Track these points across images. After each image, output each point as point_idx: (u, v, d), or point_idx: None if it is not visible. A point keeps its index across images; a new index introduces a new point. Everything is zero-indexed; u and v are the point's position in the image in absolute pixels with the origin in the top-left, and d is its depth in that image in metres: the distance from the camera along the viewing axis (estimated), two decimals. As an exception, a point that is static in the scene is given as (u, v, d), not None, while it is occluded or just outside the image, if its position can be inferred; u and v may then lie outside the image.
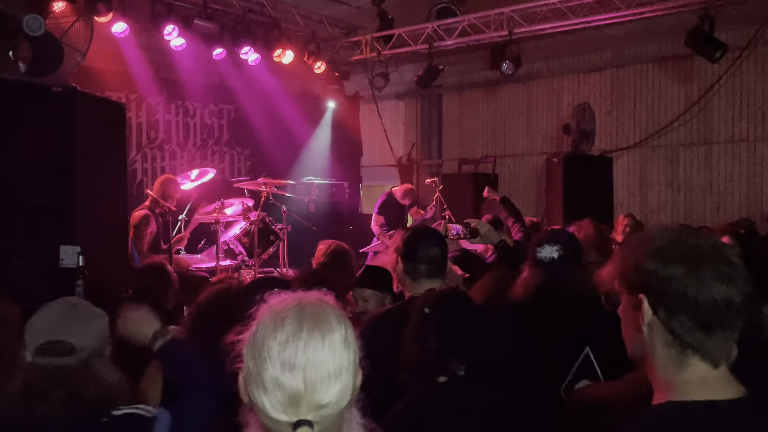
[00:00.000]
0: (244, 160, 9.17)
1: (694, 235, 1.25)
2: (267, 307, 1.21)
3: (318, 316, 1.17)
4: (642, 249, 1.27)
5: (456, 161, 10.93)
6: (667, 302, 1.23)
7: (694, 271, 1.20)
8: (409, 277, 2.63)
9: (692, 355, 1.23)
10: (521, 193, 10.24)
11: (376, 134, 10.98)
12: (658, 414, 1.23)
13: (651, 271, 1.24)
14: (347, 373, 1.15)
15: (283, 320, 1.16)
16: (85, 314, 1.84)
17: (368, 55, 8.90)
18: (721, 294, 1.19)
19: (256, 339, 1.17)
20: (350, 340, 1.18)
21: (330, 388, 1.12)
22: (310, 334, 1.14)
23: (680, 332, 1.23)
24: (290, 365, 1.12)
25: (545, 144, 9.98)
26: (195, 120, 8.70)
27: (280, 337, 1.14)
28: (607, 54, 9.30)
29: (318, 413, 1.11)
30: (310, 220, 7.60)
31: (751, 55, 8.02)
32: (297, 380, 1.11)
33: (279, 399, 1.11)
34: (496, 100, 10.57)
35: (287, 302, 1.20)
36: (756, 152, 8.33)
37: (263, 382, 1.12)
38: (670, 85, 8.90)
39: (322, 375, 1.12)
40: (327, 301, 1.23)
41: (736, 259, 1.21)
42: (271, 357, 1.13)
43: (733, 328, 1.22)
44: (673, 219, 8.68)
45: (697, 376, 1.22)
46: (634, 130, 9.20)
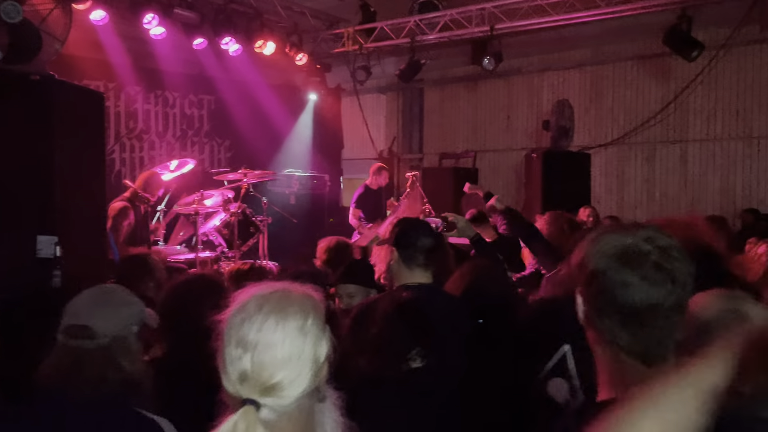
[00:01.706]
0: (225, 152, 9.10)
1: (638, 236, 1.24)
2: (245, 291, 1.25)
3: (279, 302, 1.21)
4: (586, 247, 1.28)
5: (437, 155, 10.98)
6: (596, 301, 1.25)
7: (620, 273, 1.21)
8: (405, 266, 2.64)
9: (620, 351, 1.24)
10: (501, 188, 10.31)
11: (358, 127, 10.97)
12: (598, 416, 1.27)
13: (586, 270, 1.26)
14: (299, 360, 1.17)
15: (246, 302, 1.22)
16: (112, 301, 1.88)
17: (350, 47, 8.89)
18: (643, 297, 1.20)
19: (227, 318, 1.23)
20: (309, 330, 1.20)
21: (276, 372, 1.15)
22: (266, 317, 1.18)
23: (605, 330, 1.25)
24: (243, 343, 1.17)
25: (525, 139, 10.07)
26: (175, 110, 8.62)
27: (239, 317, 1.20)
28: (587, 51, 9.40)
29: (267, 397, 1.14)
30: (290, 213, 7.58)
31: (727, 55, 8.17)
32: (245, 361, 1.16)
33: (233, 375, 1.16)
34: (477, 95, 10.63)
35: (259, 289, 1.24)
36: (730, 150, 8.50)
37: (224, 359, 1.19)
38: (648, 83, 9.02)
39: (270, 358, 1.15)
40: (300, 291, 1.25)
41: (671, 263, 1.21)
42: (230, 336, 1.19)
43: (663, 328, 1.22)
44: (649, 215, 8.83)
45: (634, 375, 1.24)
46: (612, 127, 9.32)
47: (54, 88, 4.59)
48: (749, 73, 8.30)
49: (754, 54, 8.25)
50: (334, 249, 4.04)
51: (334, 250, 4.02)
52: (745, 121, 8.38)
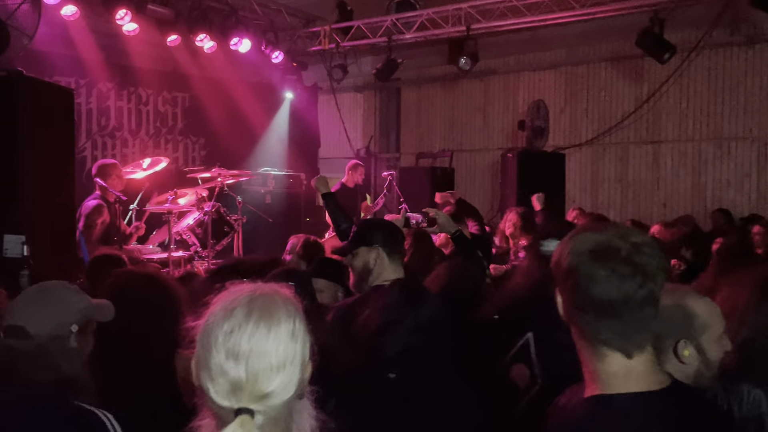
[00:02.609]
0: (199, 150, 9.00)
1: (612, 233, 1.28)
2: (222, 296, 1.23)
3: (267, 308, 1.19)
4: (564, 245, 1.32)
5: (413, 155, 10.99)
6: (572, 297, 1.29)
7: (591, 268, 1.25)
8: (390, 262, 2.63)
9: (602, 346, 1.28)
10: (477, 188, 10.38)
11: (335, 126, 10.94)
12: (590, 409, 1.29)
13: (562, 266, 1.30)
14: (292, 365, 1.16)
15: (232, 310, 1.18)
16: (50, 300, 1.84)
17: (327, 46, 8.85)
18: (613, 291, 1.24)
19: (206, 326, 1.19)
20: (298, 334, 1.19)
21: (272, 380, 1.14)
22: (256, 325, 1.16)
23: (583, 325, 1.29)
24: (234, 354, 1.14)
25: (501, 139, 10.13)
26: (148, 107, 8.50)
27: (226, 326, 1.16)
28: (562, 52, 9.49)
29: (261, 403, 1.13)
30: (266, 212, 7.52)
31: (698, 57, 8.31)
32: (239, 369, 1.13)
33: (222, 386, 1.13)
34: (453, 95, 10.66)
35: (241, 292, 1.22)
36: (701, 151, 8.65)
37: (209, 369, 1.15)
38: (622, 85, 9.14)
39: (265, 366, 1.14)
40: (282, 293, 1.24)
41: (641, 258, 1.25)
42: (217, 345, 1.15)
43: (637, 321, 1.26)
44: (622, 214, 8.94)
45: (618, 367, 1.28)
46: (587, 128, 9.43)
47: (21, 85, 4.50)
48: (719, 75, 8.45)
49: (724, 56, 8.40)
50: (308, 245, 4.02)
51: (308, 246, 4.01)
52: (716, 122, 8.52)
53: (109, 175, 5.59)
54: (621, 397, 1.26)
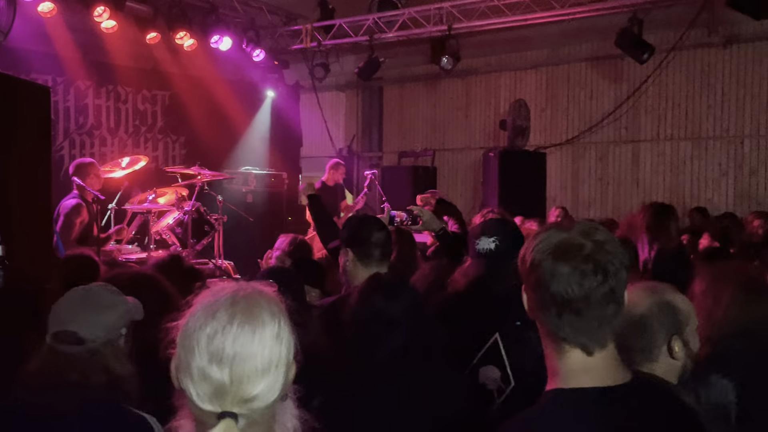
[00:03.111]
0: (179, 148, 8.92)
1: (575, 231, 1.29)
2: (203, 296, 1.20)
3: (251, 310, 1.16)
4: (529, 243, 1.33)
5: (396, 154, 11.00)
6: (535, 294, 1.30)
7: (553, 265, 1.26)
8: (361, 264, 2.63)
9: (563, 342, 1.29)
10: (459, 187, 10.41)
11: (317, 125, 10.91)
12: (545, 402, 1.31)
13: (526, 264, 1.32)
14: (277, 368, 1.14)
15: (214, 312, 1.15)
16: (97, 305, 1.87)
17: (308, 44, 8.83)
18: (574, 288, 1.25)
19: (187, 328, 1.16)
20: (283, 336, 1.17)
21: (257, 383, 1.11)
22: (241, 327, 1.13)
23: (545, 321, 1.30)
24: (218, 358, 1.11)
25: (483, 139, 10.17)
26: (127, 105, 8.40)
27: (209, 329, 1.13)
28: (543, 52, 9.55)
29: (244, 407, 1.11)
30: (247, 211, 7.47)
31: (677, 58, 8.41)
32: (223, 373, 1.10)
33: (205, 390, 1.11)
34: (436, 94, 10.69)
35: (223, 292, 1.19)
36: (679, 150, 8.75)
37: (191, 372, 1.12)
38: (602, 84, 9.22)
39: (250, 370, 1.11)
40: (265, 293, 1.21)
41: (602, 255, 1.26)
42: (200, 348, 1.13)
43: (598, 318, 1.27)
44: (602, 213, 9.03)
45: (578, 363, 1.29)
46: (567, 127, 9.50)
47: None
48: (697, 75, 8.56)
49: (702, 57, 8.51)
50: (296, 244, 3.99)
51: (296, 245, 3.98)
52: (693, 122, 8.64)
53: (86, 174, 5.52)
54: (578, 391, 1.27)
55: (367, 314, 2.08)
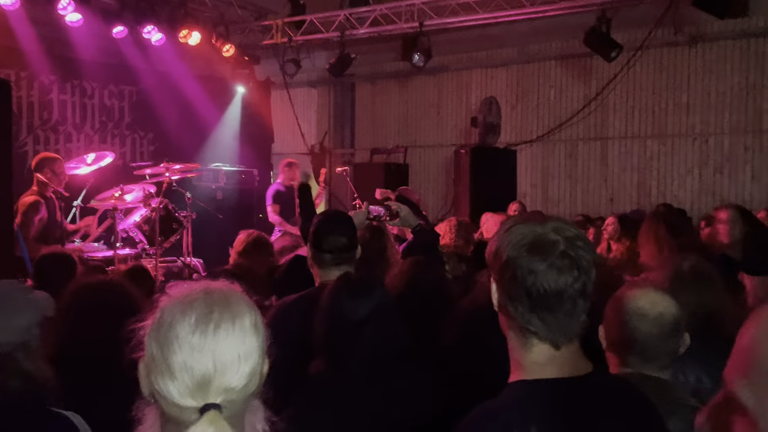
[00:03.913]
0: (147, 145, 8.78)
1: (547, 227, 1.31)
2: (171, 294, 1.19)
3: (228, 300, 1.17)
4: (499, 236, 1.34)
5: (368, 151, 10.98)
6: (508, 289, 1.31)
7: (530, 261, 1.27)
8: (317, 265, 2.62)
9: (532, 336, 1.31)
10: (431, 184, 10.45)
11: (288, 121, 10.83)
12: (506, 393, 1.32)
13: (500, 258, 1.32)
14: (256, 357, 1.15)
15: (191, 304, 1.15)
16: (10, 307, 1.80)
17: (279, 40, 8.76)
18: (551, 284, 1.26)
19: (162, 323, 1.14)
20: (259, 326, 1.18)
21: (239, 371, 1.11)
22: (221, 316, 1.13)
23: (517, 316, 1.31)
24: (200, 347, 1.10)
25: (454, 136, 10.21)
26: (93, 101, 8.24)
27: (189, 320, 1.12)
28: (513, 50, 9.62)
29: (226, 397, 1.10)
30: (217, 208, 7.40)
31: (644, 56, 8.54)
32: (207, 362, 1.09)
33: (187, 383, 1.09)
34: (407, 91, 10.69)
35: (194, 288, 1.19)
36: (646, 148, 8.90)
37: (170, 368, 1.10)
38: (571, 82, 9.33)
39: (233, 357, 1.11)
40: (235, 288, 1.22)
41: (576, 252, 1.27)
42: (180, 340, 1.11)
43: (569, 313, 1.29)
44: (571, 209, 9.14)
45: (543, 356, 1.31)
46: (537, 125, 9.59)
47: (-47, 75, 4.28)
48: (664, 73, 8.71)
49: (668, 55, 8.66)
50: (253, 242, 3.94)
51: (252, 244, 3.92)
52: (660, 120, 8.78)
53: (47, 169, 5.40)
54: (542, 382, 1.29)
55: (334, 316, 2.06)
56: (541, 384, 1.29)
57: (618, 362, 1.86)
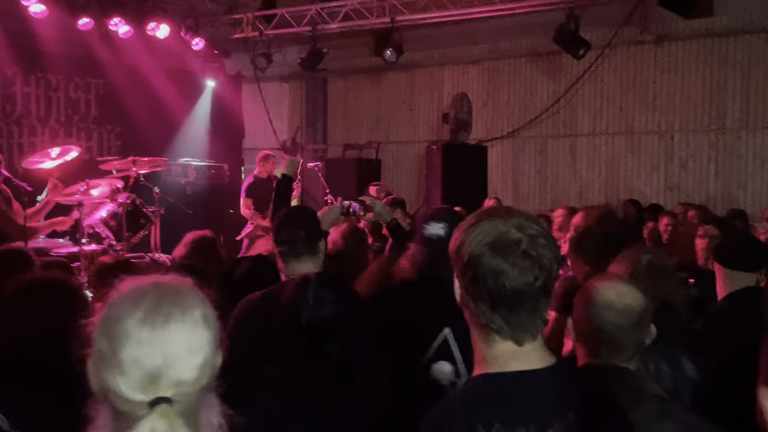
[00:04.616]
0: (115, 139, 8.63)
1: (510, 224, 1.31)
2: (120, 288, 1.18)
3: (178, 293, 1.16)
4: (464, 235, 1.33)
5: (340, 146, 10.96)
6: (471, 287, 1.31)
7: (492, 260, 1.28)
8: (281, 259, 2.61)
9: (494, 333, 1.32)
10: (403, 180, 10.47)
11: (260, 116, 10.75)
12: (470, 387, 1.34)
13: (462, 256, 1.32)
14: (207, 350, 1.14)
15: (139, 297, 1.14)
16: None
17: (250, 34, 8.69)
18: (512, 283, 1.27)
19: (110, 318, 1.13)
20: (210, 319, 1.17)
21: (191, 364, 1.11)
22: (170, 309, 1.13)
23: (479, 314, 1.32)
24: (149, 341, 1.09)
25: (427, 132, 10.25)
26: (59, 94, 8.06)
27: (137, 314, 1.11)
28: (485, 47, 9.68)
29: (177, 390, 1.09)
30: (186, 203, 7.30)
31: (611, 54, 8.67)
32: (156, 356, 1.09)
33: (136, 377, 1.08)
34: (380, 86, 10.69)
35: (143, 282, 1.18)
36: (614, 144, 9.05)
37: (119, 362, 1.09)
38: (541, 80, 9.43)
39: (183, 350, 1.11)
40: (185, 281, 1.22)
41: (537, 251, 1.28)
42: (128, 334, 1.10)
43: (531, 311, 1.30)
44: (541, 205, 9.24)
45: (507, 352, 1.32)
46: (508, 121, 9.68)
47: None
48: (631, 71, 8.85)
49: (635, 54, 8.80)
50: (199, 243, 3.80)
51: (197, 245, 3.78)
52: (627, 117, 8.93)
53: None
54: (504, 374, 1.31)
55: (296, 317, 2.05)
56: (504, 377, 1.30)
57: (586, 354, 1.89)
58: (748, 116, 8.20)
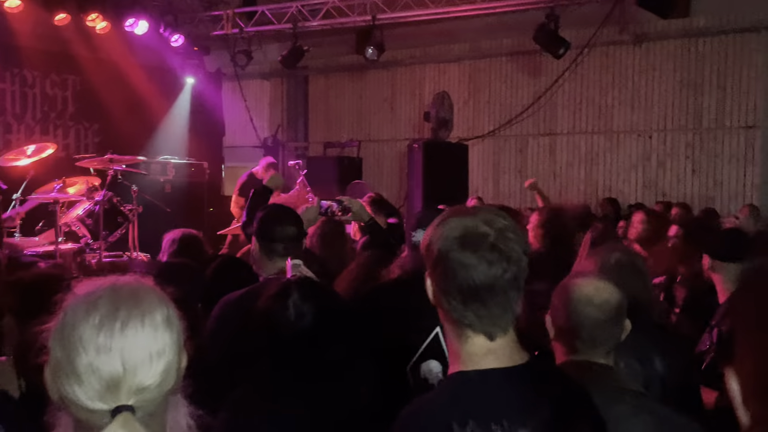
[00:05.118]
0: (92, 136, 8.52)
1: (478, 218, 1.32)
2: (76, 292, 1.14)
3: (136, 295, 1.12)
4: (433, 231, 1.35)
5: (321, 144, 10.93)
6: (441, 282, 1.32)
7: (461, 254, 1.29)
8: (265, 257, 2.60)
9: (466, 329, 1.32)
10: (385, 178, 10.47)
11: (240, 114, 10.69)
12: (445, 385, 1.36)
13: (432, 252, 1.33)
14: (170, 354, 1.11)
15: (96, 302, 1.10)
16: None
17: (230, 31, 8.62)
18: (481, 277, 1.28)
19: (65, 325, 1.09)
20: (173, 320, 1.14)
21: (152, 370, 1.07)
22: (128, 313, 1.09)
23: (451, 310, 1.33)
24: (106, 348, 1.06)
25: (408, 130, 10.26)
26: (34, 90, 7.94)
27: (93, 320, 1.07)
28: (466, 46, 9.71)
29: (140, 397, 1.06)
30: (165, 202, 7.22)
31: (590, 54, 8.75)
32: (115, 363, 1.05)
33: (95, 386, 1.05)
34: (361, 85, 10.68)
35: (100, 284, 1.14)
36: (593, 143, 9.13)
37: (75, 371, 1.05)
38: (521, 79, 9.48)
39: (143, 356, 1.07)
40: (145, 282, 1.18)
41: (506, 244, 1.29)
42: (84, 342, 1.06)
43: (501, 304, 1.31)
44: (522, 203, 9.29)
45: (479, 348, 1.32)
46: (489, 120, 9.72)
47: None
48: (610, 71, 8.94)
49: (614, 54, 8.89)
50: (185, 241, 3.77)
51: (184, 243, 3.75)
52: (606, 116, 9.02)
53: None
54: (479, 372, 1.31)
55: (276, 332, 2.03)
56: (478, 375, 1.31)
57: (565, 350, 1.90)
58: (723, 116, 8.32)
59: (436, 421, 1.28)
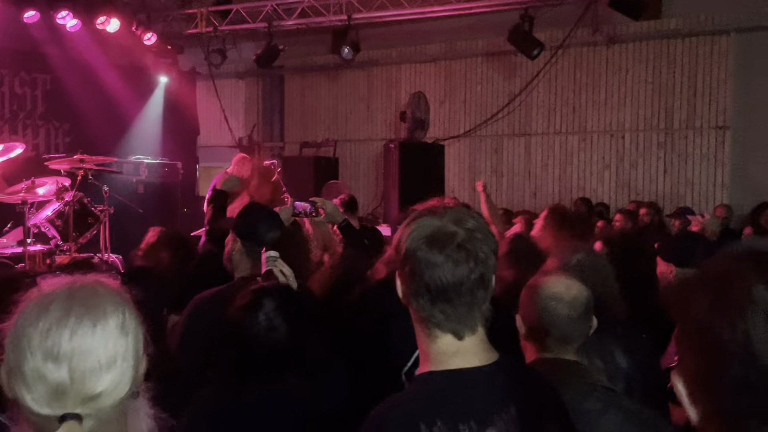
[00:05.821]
0: (63, 136, 8.36)
1: (447, 218, 1.32)
2: (35, 291, 1.11)
3: (90, 300, 1.09)
4: (403, 230, 1.35)
5: (297, 144, 10.88)
6: (409, 282, 1.32)
7: (428, 253, 1.29)
8: (249, 257, 2.57)
9: (435, 328, 1.33)
10: (361, 178, 10.46)
11: (215, 113, 10.59)
12: (414, 385, 1.36)
13: (400, 251, 1.34)
14: (124, 361, 1.08)
15: (47, 305, 1.07)
16: None
17: (204, 29, 8.54)
18: (448, 276, 1.28)
19: (17, 327, 1.07)
20: (129, 326, 1.11)
21: (101, 379, 1.05)
22: (79, 319, 1.06)
23: (418, 309, 1.33)
24: (53, 355, 1.03)
25: (384, 130, 10.26)
26: (3, 89, 7.78)
27: (42, 325, 1.05)
28: (441, 46, 9.74)
29: (88, 406, 1.04)
30: (138, 202, 7.13)
31: (565, 55, 8.83)
32: (61, 372, 1.03)
33: (42, 392, 1.02)
34: (338, 84, 10.65)
35: (58, 285, 1.11)
36: (567, 144, 9.22)
37: (23, 375, 1.03)
38: (496, 79, 9.54)
39: (92, 365, 1.04)
40: (105, 284, 1.14)
41: (473, 244, 1.30)
42: (32, 347, 1.04)
43: (468, 304, 1.31)
44: (497, 203, 9.32)
45: (448, 347, 1.33)
46: (464, 120, 9.76)
47: None
48: (583, 72, 9.03)
49: (588, 55, 8.98)
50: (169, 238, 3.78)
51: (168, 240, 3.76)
52: (580, 117, 9.11)
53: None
54: (448, 372, 1.32)
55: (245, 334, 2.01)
56: (447, 375, 1.31)
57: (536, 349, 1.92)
58: (694, 117, 8.46)
59: (403, 421, 1.28)
